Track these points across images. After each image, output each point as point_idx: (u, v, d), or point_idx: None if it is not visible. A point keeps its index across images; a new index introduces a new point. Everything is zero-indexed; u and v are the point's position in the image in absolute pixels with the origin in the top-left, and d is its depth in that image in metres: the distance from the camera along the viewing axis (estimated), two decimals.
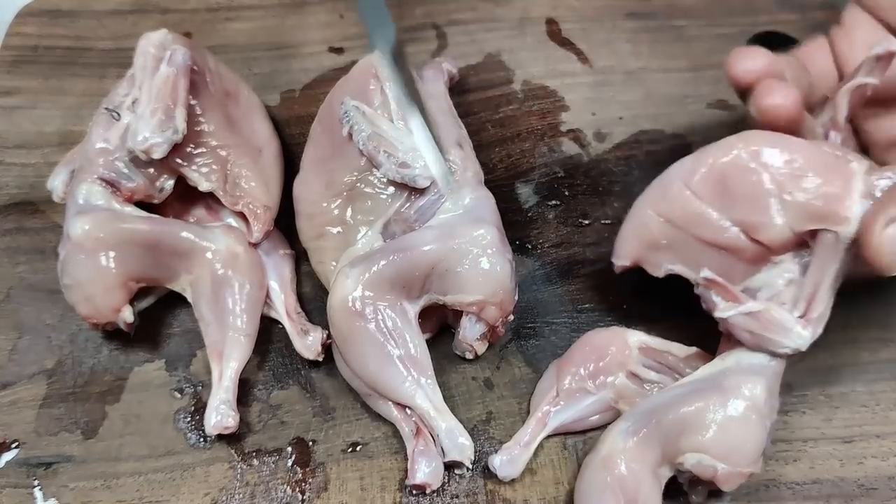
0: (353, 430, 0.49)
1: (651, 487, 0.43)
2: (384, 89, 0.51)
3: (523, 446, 0.47)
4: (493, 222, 0.48)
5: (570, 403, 0.48)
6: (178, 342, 0.52)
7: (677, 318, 0.51)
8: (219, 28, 0.66)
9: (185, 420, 0.49)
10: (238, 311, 0.49)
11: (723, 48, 0.65)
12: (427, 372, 0.47)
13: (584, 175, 0.59)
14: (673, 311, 0.50)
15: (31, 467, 0.48)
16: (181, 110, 0.49)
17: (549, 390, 0.48)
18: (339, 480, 0.47)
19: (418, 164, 0.48)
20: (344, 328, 0.46)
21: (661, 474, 0.44)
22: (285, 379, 0.51)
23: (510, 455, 0.47)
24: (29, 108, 0.61)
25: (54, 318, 0.52)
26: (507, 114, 0.62)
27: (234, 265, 0.50)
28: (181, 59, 0.51)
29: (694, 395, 0.44)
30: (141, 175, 0.50)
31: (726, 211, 0.44)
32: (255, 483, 0.47)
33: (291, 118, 0.61)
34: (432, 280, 0.47)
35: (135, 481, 0.47)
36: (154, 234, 0.49)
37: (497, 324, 0.48)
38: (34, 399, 0.50)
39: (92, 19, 0.66)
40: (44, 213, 0.56)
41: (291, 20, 0.66)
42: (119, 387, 0.50)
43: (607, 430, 0.45)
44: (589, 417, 0.48)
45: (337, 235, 0.50)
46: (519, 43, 0.66)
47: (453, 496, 0.47)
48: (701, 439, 0.42)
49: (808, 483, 0.47)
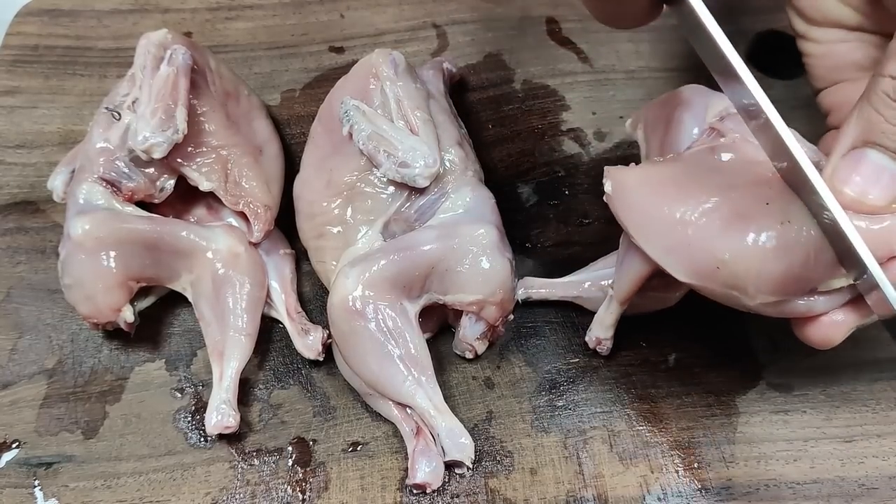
0: (353, 429, 0.49)
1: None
2: (384, 89, 0.51)
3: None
4: (493, 222, 0.49)
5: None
6: (178, 342, 0.52)
7: (674, 320, 0.51)
8: (219, 28, 0.66)
9: (185, 420, 0.49)
10: (239, 311, 0.49)
11: None
12: (427, 371, 0.47)
13: (584, 174, 0.59)
14: (670, 310, 0.50)
15: (32, 467, 0.48)
16: (182, 110, 0.49)
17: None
18: (339, 480, 0.47)
19: (418, 164, 0.48)
20: (344, 327, 0.46)
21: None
22: (286, 378, 0.51)
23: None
24: (29, 108, 0.61)
25: (55, 317, 0.53)
26: (507, 113, 0.62)
27: (234, 265, 0.50)
28: (182, 59, 0.51)
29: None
30: (141, 175, 0.50)
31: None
32: (255, 483, 0.47)
33: (292, 118, 0.61)
34: (432, 279, 0.47)
35: (135, 481, 0.47)
36: (154, 234, 0.49)
37: (497, 323, 0.49)
38: (34, 399, 0.50)
39: (92, 19, 0.66)
40: (44, 213, 0.56)
41: (292, 20, 0.66)
42: (119, 386, 0.50)
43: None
44: None
45: (337, 235, 0.50)
46: (519, 42, 0.65)
47: (454, 496, 0.47)
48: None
49: (809, 482, 0.47)
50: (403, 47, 0.64)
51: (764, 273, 0.39)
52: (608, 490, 0.47)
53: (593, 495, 0.47)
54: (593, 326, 0.50)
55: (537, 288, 0.53)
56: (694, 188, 0.41)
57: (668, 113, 0.49)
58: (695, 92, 0.49)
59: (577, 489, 0.47)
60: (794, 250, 0.38)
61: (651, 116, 0.51)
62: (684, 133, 0.48)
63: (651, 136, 0.51)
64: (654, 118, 0.51)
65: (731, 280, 0.39)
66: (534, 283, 0.53)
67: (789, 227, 0.38)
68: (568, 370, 0.51)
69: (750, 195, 0.40)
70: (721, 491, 0.47)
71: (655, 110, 0.51)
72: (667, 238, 0.41)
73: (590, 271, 0.53)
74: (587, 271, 0.53)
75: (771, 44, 0.66)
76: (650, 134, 0.51)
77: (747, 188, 0.41)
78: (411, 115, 0.50)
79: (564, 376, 0.51)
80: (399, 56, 0.52)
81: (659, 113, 0.50)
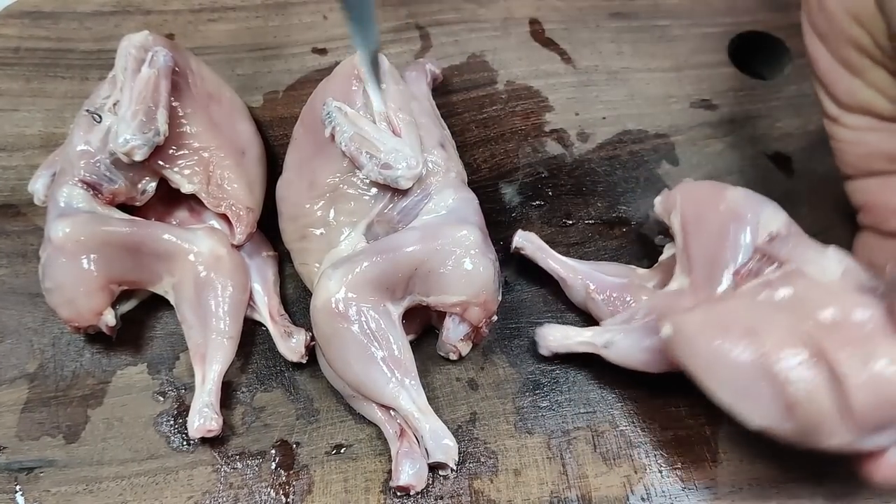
0: (336, 431, 0.49)
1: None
2: (366, 90, 0.51)
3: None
4: (476, 223, 0.49)
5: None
6: (160, 345, 0.52)
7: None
8: (202, 29, 0.65)
9: (167, 423, 0.49)
10: (221, 314, 0.49)
11: (705, 48, 0.66)
12: (411, 373, 0.47)
13: (567, 175, 0.59)
14: None
15: (13, 472, 0.47)
16: (163, 112, 0.49)
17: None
18: (322, 483, 0.47)
19: (401, 166, 0.47)
20: (327, 330, 0.46)
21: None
22: (269, 381, 0.51)
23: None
24: (10, 111, 0.61)
25: (36, 321, 0.52)
26: (490, 114, 0.62)
27: (216, 267, 0.49)
28: (163, 61, 0.51)
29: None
30: (122, 177, 0.50)
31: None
32: (238, 486, 0.47)
33: (275, 119, 0.61)
34: (416, 281, 0.47)
35: (117, 485, 0.47)
36: (136, 237, 0.48)
37: (481, 324, 0.48)
38: (15, 403, 0.49)
39: (74, 21, 0.65)
40: (25, 216, 0.56)
41: (275, 21, 0.66)
42: (101, 390, 0.50)
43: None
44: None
45: (320, 237, 0.50)
46: (502, 43, 0.66)
47: (437, 497, 0.47)
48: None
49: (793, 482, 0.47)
50: (386, 48, 0.64)
51: (843, 411, 0.39)
52: (592, 490, 0.47)
53: (577, 496, 0.47)
54: (555, 334, 0.50)
55: (533, 247, 0.53)
56: (760, 329, 0.41)
57: (713, 217, 0.47)
58: (746, 201, 0.47)
59: (561, 490, 0.47)
60: (876, 386, 0.39)
61: (690, 211, 0.49)
62: (732, 250, 0.46)
63: (690, 235, 0.48)
64: (695, 216, 0.48)
65: (808, 421, 0.40)
66: (533, 240, 0.53)
67: (868, 362, 0.39)
68: (551, 371, 0.51)
69: (821, 330, 0.40)
70: (705, 490, 0.47)
71: (696, 206, 0.49)
72: (737, 384, 0.42)
73: (588, 266, 0.52)
74: (587, 265, 0.52)
75: (753, 44, 0.67)
76: (689, 231, 0.48)
77: (815, 322, 0.41)
78: (394, 116, 0.50)
79: (548, 377, 0.51)
80: (381, 57, 0.52)
81: (701, 211, 0.48)
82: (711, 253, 0.47)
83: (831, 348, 0.39)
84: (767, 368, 0.40)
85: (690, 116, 0.62)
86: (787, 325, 0.41)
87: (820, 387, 0.39)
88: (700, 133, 0.61)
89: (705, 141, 0.61)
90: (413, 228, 0.48)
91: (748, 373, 0.41)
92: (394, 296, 0.47)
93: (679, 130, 0.61)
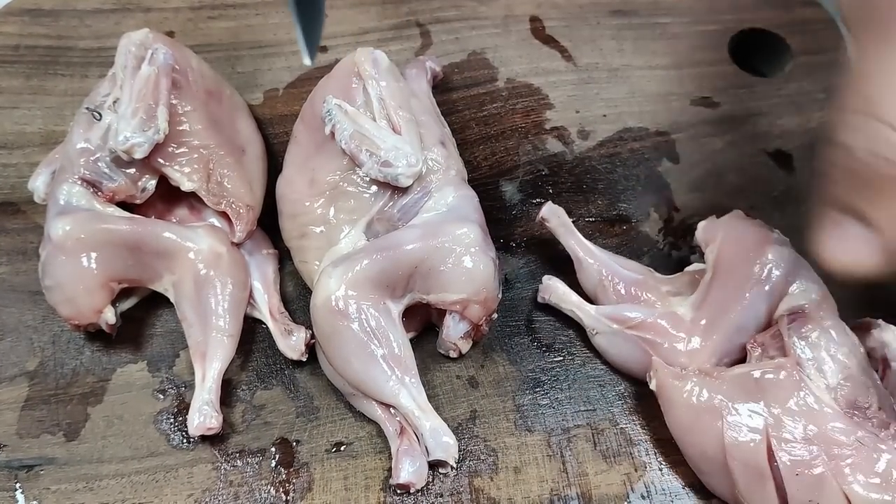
0: (336, 429, 0.49)
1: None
2: (367, 88, 0.50)
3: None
4: (476, 221, 0.48)
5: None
6: (160, 343, 0.52)
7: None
8: (202, 27, 0.65)
9: (167, 421, 0.49)
10: (221, 312, 0.49)
11: (706, 45, 0.65)
12: (411, 371, 0.47)
13: (568, 173, 0.59)
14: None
15: (13, 470, 0.47)
16: (163, 110, 0.49)
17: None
18: (322, 480, 0.47)
19: (401, 163, 0.47)
20: (327, 328, 0.46)
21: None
22: (269, 379, 0.51)
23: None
24: (10, 108, 0.61)
25: (36, 319, 0.52)
26: (491, 112, 0.62)
27: (216, 265, 0.49)
28: (163, 59, 0.51)
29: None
30: (122, 175, 0.50)
31: None
32: (238, 484, 0.47)
33: (275, 117, 0.61)
34: (416, 279, 0.47)
35: (117, 483, 0.47)
36: (136, 235, 0.48)
37: (481, 322, 0.48)
38: (16, 401, 0.49)
39: (74, 18, 0.65)
40: (25, 214, 0.56)
41: (274, 18, 0.66)
42: (101, 388, 0.50)
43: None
44: None
45: (320, 234, 0.50)
46: (503, 41, 0.65)
47: (437, 495, 0.47)
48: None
49: None
50: (386, 46, 0.64)
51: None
52: (592, 488, 0.47)
53: (577, 494, 0.47)
54: (557, 290, 0.52)
55: (559, 221, 0.52)
56: (734, 424, 0.44)
57: (745, 271, 0.48)
58: (783, 266, 0.47)
59: (562, 488, 0.47)
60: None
61: (727, 253, 0.49)
62: (747, 314, 0.47)
63: (717, 278, 0.48)
64: (730, 262, 0.48)
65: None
66: (559, 214, 0.53)
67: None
68: (552, 368, 0.51)
69: (790, 444, 0.43)
70: (704, 488, 0.47)
71: (735, 249, 0.49)
72: (702, 459, 0.45)
73: (607, 255, 0.52)
74: (606, 253, 0.52)
75: (753, 41, 0.67)
76: (718, 273, 0.48)
77: (789, 432, 0.43)
78: (394, 114, 0.50)
79: (548, 375, 0.51)
80: (381, 55, 0.52)
81: (736, 259, 0.48)
82: (728, 306, 0.47)
83: (787, 465, 0.42)
84: (729, 463, 0.43)
85: (691, 114, 0.62)
86: (760, 426, 0.43)
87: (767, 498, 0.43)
88: (701, 130, 0.61)
89: (706, 138, 0.61)
90: (413, 226, 0.48)
91: (712, 456, 0.44)
92: (394, 294, 0.47)
93: (680, 128, 0.61)
